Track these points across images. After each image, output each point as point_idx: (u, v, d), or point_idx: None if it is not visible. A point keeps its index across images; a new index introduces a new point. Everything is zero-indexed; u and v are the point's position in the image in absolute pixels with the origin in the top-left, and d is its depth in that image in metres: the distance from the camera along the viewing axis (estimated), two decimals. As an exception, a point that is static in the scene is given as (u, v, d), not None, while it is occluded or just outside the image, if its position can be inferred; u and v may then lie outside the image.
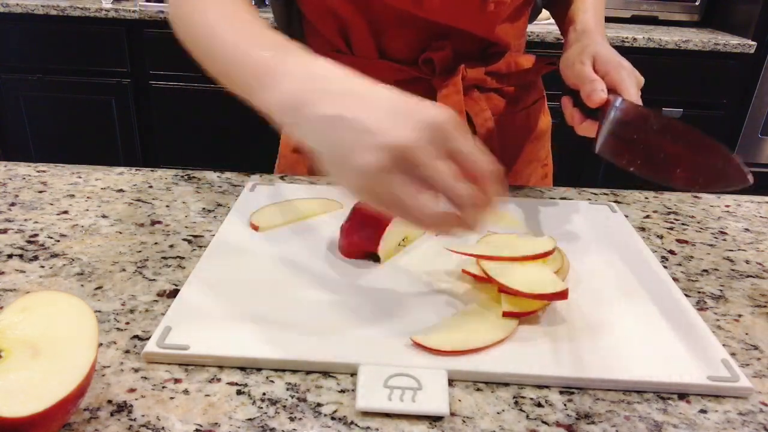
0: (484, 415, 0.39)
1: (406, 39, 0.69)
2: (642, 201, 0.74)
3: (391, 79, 0.70)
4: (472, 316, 0.47)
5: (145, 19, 2.03)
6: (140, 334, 0.46)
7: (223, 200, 0.68)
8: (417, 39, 0.69)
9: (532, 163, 0.83)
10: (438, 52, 0.69)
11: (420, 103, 0.40)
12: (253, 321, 0.46)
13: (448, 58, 0.70)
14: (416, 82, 0.71)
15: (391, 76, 0.71)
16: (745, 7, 2.18)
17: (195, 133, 2.22)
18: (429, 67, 0.70)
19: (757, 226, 0.69)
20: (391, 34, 0.69)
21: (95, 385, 0.40)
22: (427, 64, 0.70)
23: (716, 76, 2.14)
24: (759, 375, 0.45)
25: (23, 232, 0.59)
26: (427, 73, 0.70)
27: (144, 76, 2.16)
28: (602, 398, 0.41)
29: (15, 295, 0.50)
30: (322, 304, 0.48)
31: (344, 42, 0.71)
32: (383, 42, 0.70)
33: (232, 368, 0.42)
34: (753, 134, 2.23)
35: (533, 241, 0.52)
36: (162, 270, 0.54)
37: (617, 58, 0.62)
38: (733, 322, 0.51)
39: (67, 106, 2.21)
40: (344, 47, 0.72)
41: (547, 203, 0.69)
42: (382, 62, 0.70)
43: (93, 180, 0.72)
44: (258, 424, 0.38)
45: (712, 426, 0.39)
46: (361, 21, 0.67)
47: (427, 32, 0.68)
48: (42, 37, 2.10)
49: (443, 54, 0.69)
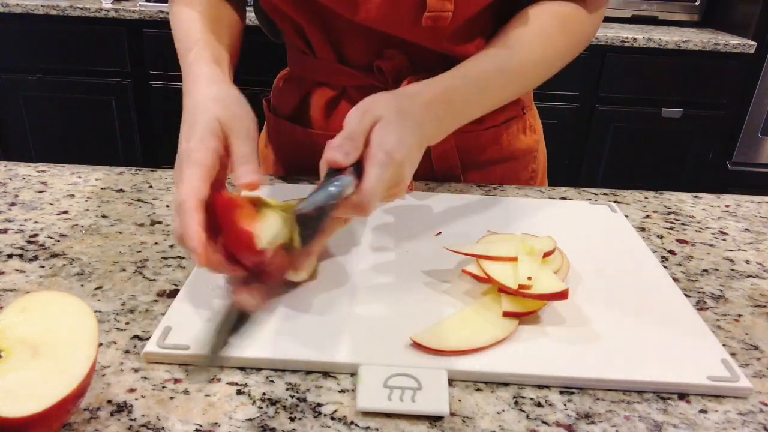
0: (484, 415, 0.39)
1: (359, 45, 0.68)
2: (642, 201, 0.74)
3: (349, 84, 0.71)
4: (472, 316, 0.47)
5: (145, 19, 2.03)
6: (140, 334, 0.46)
7: (223, 200, 0.68)
8: (370, 46, 0.68)
9: (509, 183, 0.78)
10: (389, 61, 0.67)
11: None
12: (253, 321, 0.46)
13: (403, 67, 0.68)
14: (372, 89, 0.65)
15: (349, 81, 0.71)
16: (745, 7, 2.18)
17: (195, 133, 2.21)
18: (383, 76, 0.69)
19: (757, 226, 0.69)
20: (346, 39, 0.68)
21: (95, 385, 0.40)
22: (381, 73, 0.69)
23: (716, 76, 2.14)
24: (759, 375, 0.45)
25: (23, 232, 0.59)
26: (381, 81, 0.69)
27: (144, 76, 2.16)
28: (602, 398, 0.41)
29: (15, 295, 0.50)
30: (322, 304, 0.48)
31: (305, 44, 0.71)
32: (340, 47, 0.69)
33: (232, 368, 0.42)
34: (753, 134, 2.23)
35: (533, 240, 0.52)
36: (162, 270, 0.54)
37: (395, 142, 0.48)
38: (733, 322, 0.51)
39: (67, 106, 2.21)
40: (307, 50, 0.72)
41: (547, 203, 0.69)
42: (342, 66, 0.70)
43: (93, 180, 0.72)
44: (258, 424, 0.38)
45: (712, 426, 0.39)
46: (315, 26, 0.67)
47: (379, 40, 0.67)
48: (42, 37, 2.10)
49: (394, 63, 0.68)
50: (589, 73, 2.11)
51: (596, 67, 2.10)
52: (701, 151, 2.26)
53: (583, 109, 2.18)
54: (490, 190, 0.73)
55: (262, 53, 1.03)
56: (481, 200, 0.69)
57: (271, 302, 0.48)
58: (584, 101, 2.16)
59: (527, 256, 0.49)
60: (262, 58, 0.70)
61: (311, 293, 0.50)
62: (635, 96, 2.16)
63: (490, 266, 0.49)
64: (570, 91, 2.14)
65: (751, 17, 2.13)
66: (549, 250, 0.51)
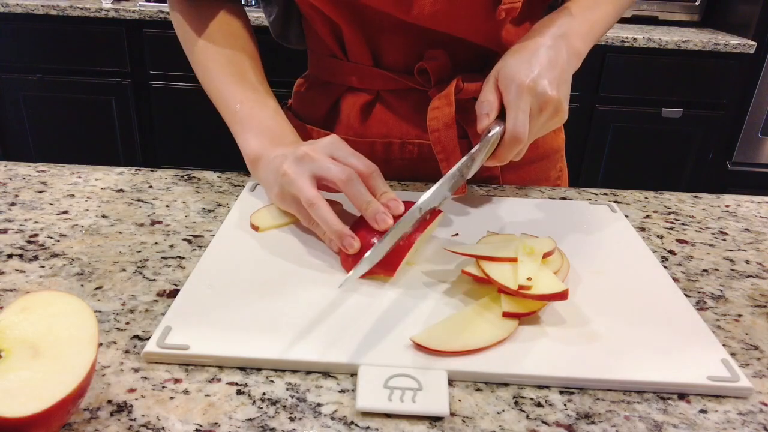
0: (484, 415, 0.39)
1: (400, 47, 0.66)
2: (642, 201, 0.74)
3: (384, 88, 0.70)
4: (472, 316, 0.47)
5: (145, 19, 2.03)
6: (140, 334, 0.46)
7: (223, 200, 0.68)
8: (412, 47, 0.66)
9: (540, 182, 0.80)
10: (433, 61, 0.65)
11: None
12: (253, 321, 0.46)
13: (445, 68, 0.66)
14: (411, 92, 0.68)
15: (386, 85, 0.69)
16: (745, 7, 2.18)
17: (195, 133, 2.22)
18: (425, 78, 0.67)
19: (757, 226, 0.69)
20: (385, 41, 0.66)
21: (95, 385, 0.40)
22: (422, 75, 0.67)
23: (716, 76, 2.14)
24: (759, 375, 0.45)
25: (23, 232, 0.59)
26: (422, 84, 0.68)
27: (144, 76, 2.16)
28: (602, 398, 0.41)
29: (15, 295, 0.50)
30: (322, 304, 0.48)
31: (339, 47, 0.69)
32: (377, 49, 0.67)
33: (232, 368, 0.42)
34: (753, 134, 2.23)
35: (533, 241, 0.52)
36: (162, 270, 0.54)
37: (519, 73, 0.54)
38: (733, 322, 0.51)
39: (67, 106, 2.21)
40: (340, 53, 0.70)
41: (547, 203, 0.69)
42: (377, 70, 0.68)
43: (93, 180, 0.72)
44: (258, 424, 0.38)
45: (712, 426, 0.39)
46: (354, 27, 0.65)
47: (423, 40, 0.65)
48: (42, 37, 2.10)
49: (438, 64, 0.66)
50: (589, 73, 2.11)
51: (596, 67, 2.10)
52: (701, 151, 2.26)
53: (583, 109, 2.18)
54: (490, 190, 0.73)
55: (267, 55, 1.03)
56: (481, 200, 0.69)
57: (271, 302, 0.48)
58: (584, 101, 2.16)
59: (527, 257, 0.49)
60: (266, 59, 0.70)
61: (311, 293, 0.50)
62: (635, 96, 2.16)
63: (490, 267, 0.49)
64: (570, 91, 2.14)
65: (751, 17, 2.13)
66: (549, 251, 0.51)
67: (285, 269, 0.53)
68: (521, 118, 0.53)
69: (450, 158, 0.64)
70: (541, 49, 0.57)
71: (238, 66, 0.68)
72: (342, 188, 0.52)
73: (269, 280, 0.51)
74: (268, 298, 0.49)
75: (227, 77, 0.67)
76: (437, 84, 0.67)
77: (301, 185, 0.53)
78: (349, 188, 0.52)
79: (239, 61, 0.68)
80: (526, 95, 0.54)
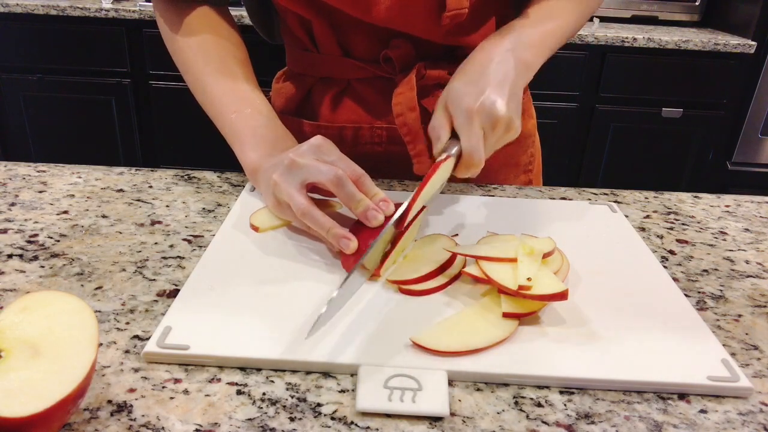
0: (484, 415, 0.39)
1: (365, 39, 0.69)
2: (642, 201, 0.74)
3: (354, 77, 0.73)
4: (472, 316, 0.47)
5: (145, 19, 2.03)
6: (140, 334, 0.46)
7: (223, 200, 0.68)
8: (376, 39, 0.69)
9: (509, 167, 0.80)
10: (396, 50, 0.69)
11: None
12: (253, 321, 0.46)
13: (409, 56, 0.69)
14: (378, 80, 0.72)
15: (355, 74, 0.72)
16: (745, 7, 2.18)
17: (195, 133, 2.22)
18: (390, 65, 0.70)
19: (757, 226, 0.69)
20: (352, 34, 0.70)
21: (95, 385, 0.40)
22: (388, 62, 0.70)
23: (716, 76, 2.14)
24: (759, 375, 0.45)
25: (23, 232, 0.59)
26: (388, 71, 0.70)
27: (144, 76, 2.16)
28: (602, 398, 0.41)
29: (15, 295, 0.50)
30: (322, 304, 0.48)
31: (310, 40, 0.72)
32: (345, 41, 0.70)
33: (232, 368, 0.42)
34: (753, 134, 2.23)
35: (533, 241, 0.52)
36: (162, 270, 0.54)
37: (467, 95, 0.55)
38: (733, 322, 0.51)
39: (67, 106, 2.21)
40: (311, 46, 0.73)
41: (547, 203, 0.69)
42: (346, 60, 0.71)
43: (93, 180, 0.72)
44: (258, 424, 0.38)
45: (712, 426, 0.39)
46: (322, 22, 0.69)
47: (386, 34, 0.68)
48: (42, 37, 2.10)
49: (402, 51, 0.69)
50: (589, 73, 2.11)
51: (596, 67, 2.10)
52: (701, 151, 2.26)
53: (583, 109, 2.18)
54: (489, 190, 0.73)
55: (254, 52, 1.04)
56: (480, 200, 0.69)
57: (271, 302, 0.48)
58: (584, 101, 2.16)
59: (527, 257, 0.49)
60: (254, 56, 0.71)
61: (311, 293, 0.50)
62: (635, 96, 2.16)
63: (490, 267, 0.49)
64: (570, 91, 2.14)
65: (751, 17, 2.13)
66: (549, 251, 0.51)
67: (285, 269, 0.53)
68: (474, 141, 0.55)
69: (416, 140, 0.66)
70: (490, 65, 0.58)
71: (228, 69, 0.69)
72: (332, 189, 0.53)
73: (269, 280, 0.51)
74: (268, 298, 0.49)
75: (219, 84, 0.68)
76: (402, 71, 0.70)
77: (291, 194, 0.54)
78: (339, 189, 0.53)
79: (230, 65, 0.70)
80: (476, 118, 0.55)
